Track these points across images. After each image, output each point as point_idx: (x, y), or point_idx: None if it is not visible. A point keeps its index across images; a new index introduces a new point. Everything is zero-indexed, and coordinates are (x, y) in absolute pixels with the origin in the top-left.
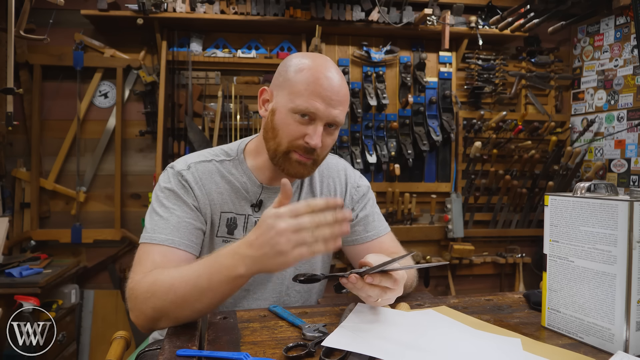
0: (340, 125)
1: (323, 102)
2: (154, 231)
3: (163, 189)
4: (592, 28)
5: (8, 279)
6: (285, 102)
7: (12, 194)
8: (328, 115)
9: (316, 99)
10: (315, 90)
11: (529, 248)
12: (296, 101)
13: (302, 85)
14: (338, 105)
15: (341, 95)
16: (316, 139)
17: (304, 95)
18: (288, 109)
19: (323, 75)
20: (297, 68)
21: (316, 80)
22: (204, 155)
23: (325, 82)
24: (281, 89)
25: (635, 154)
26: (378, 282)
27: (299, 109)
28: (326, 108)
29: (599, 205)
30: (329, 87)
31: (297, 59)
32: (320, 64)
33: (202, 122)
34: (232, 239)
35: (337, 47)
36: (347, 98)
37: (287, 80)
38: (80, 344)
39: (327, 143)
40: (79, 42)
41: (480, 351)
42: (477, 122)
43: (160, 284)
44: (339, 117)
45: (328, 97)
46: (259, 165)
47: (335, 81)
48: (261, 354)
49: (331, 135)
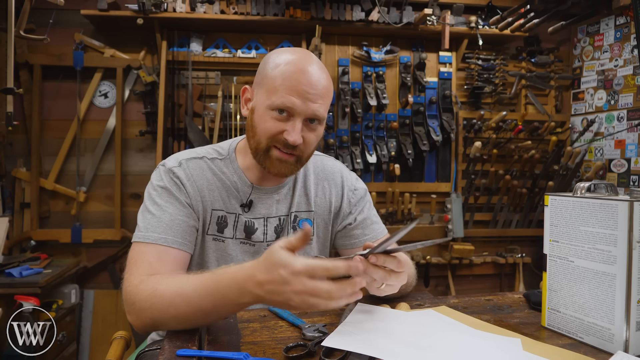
0: (323, 120)
1: (300, 97)
2: (147, 230)
3: (155, 187)
4: (592, 28)
5: (8, 279)
6: (263, 100)
7: (12, 194)
8: (306, 110)
9: (292, 94)
10: (292, 85)
11: (529, 248)
12: (272, 97)
13: (278, 81)
14: (317, 98)
15: (320, 89)
16: (295, 135)
17: (279, 90)
18: (265, 106)
19: (300, 69)
20: (274, 64)
21: (292, 75)
22: (195, 152)
23: (302, 77)
24: (260, 86)
25: (635, 154)
26: (382, 262)
27: (275, 104)
28: (303, 102)
29: (599, 205)
30: (306, 81)
31: (275, 55)
32: (298, 58)
33: (202, 122)
34: (222, 238)
35: (337, 47)
36: (329, 91)
37: (264, 77)
38: (80, 344)
39: (309, 139)
40: (79, 42)
41: (480, 351)
42: (477, 122)
43: (159, 295)
44: (319, 111)
45: (305, 92)
46: (247, 165)
47: (314, 74)
48: (261, 354)
49: (314, 131)
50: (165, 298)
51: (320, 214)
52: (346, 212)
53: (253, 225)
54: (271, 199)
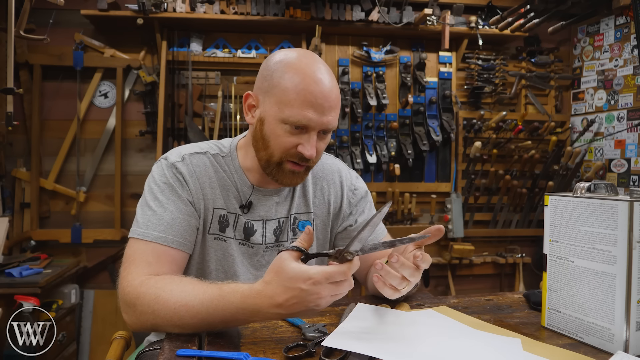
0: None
1: (315, 112)
2: (146, 227)
3: (157, 182)
4: (592, 28)
5: (8, 279)
6: (275, 112)
7: (12, 194)
8: (322, 124)
9: (308, 109)
10: (306, 99)
11: (529, 248)
12: (286, 112)
13: (292, 94)
14: (331, 111)
15: (332, 100)
16: (311, 150)
17: (294, 105)
18: (278, 120)
19: (312, 80)
20: (281, 71)
21: (306, 88)
22: (198, 147)
23: (316, 88)
24: (268, 95)
25: (635, 154)
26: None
27: (291, 120)
28: (319, 117)
29: (599, 205)
30: (320, 93)
31: (280, 60)
32: (307, 64)
33: (202, 122)
34: (224, 237)
35: (337, 47)
36: (339, 99)
37: (273, 87)
38: (80, 344)
39: (321, 148)
40: (79, 42)
41: (480, 351)
42: (477, 122)
43: (163, 303)
44: (332, 123)
45: (320, 105)
46: (248, 166)
47: (326, 84)
48: (261, 354)
49: (324, 140)
50: (169, 307)
51: (319, 215)
52: (346, 213)
53: (252, 227)
54: (271, 201)
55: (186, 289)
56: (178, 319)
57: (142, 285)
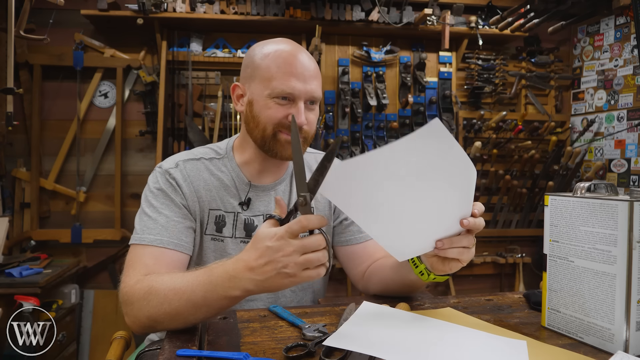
0: (319, 100)
1: (298, 80)
2: (143, 232)
3: (152, 189)
4: (592, 28)
5: (8, 279)
6: (261, 90)
7: (12, 194)
8: (307, 92)
9: (291, 78)
10: (288, 69)
11: (529, 248)
12: (271, 85)
13: (274, 69)
14: (312, 80)
15: (312, 70)
16: (301, 117)
17: (277, 78)
18: (265, 96)
19: (291, 54)
20: (262, 55)
21: (285, 60)
22: (192, 154)
23: (295, 60)
24: (252, 79)
25: (635, 154)
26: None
27: (277, 91)
28: (303, 85)
29: (599, 205)
30: (299, 64)
31: (260, 47)
32: (284, 45)
33: (202, 122)
34: (221, 237)
35: (337, 47)
36: (319, 72)
37: (256, 69)
38: (80, 344)
39: (311, 119)
40: (79, 42)
41: (483, 351)
42: (477, 122)
43: (155, 292)
44: (317, 91)
45: (301, 74)
46: (245, 160)
47: (304, 57)
48: (261, 354)
49: (313, 111)
50: (160, 294)
51: (321, 210)
52: None
53: (253, 223)
54: (269, 196)
55: (177, 276)
56: (168, 304)
57: (138, 282)
